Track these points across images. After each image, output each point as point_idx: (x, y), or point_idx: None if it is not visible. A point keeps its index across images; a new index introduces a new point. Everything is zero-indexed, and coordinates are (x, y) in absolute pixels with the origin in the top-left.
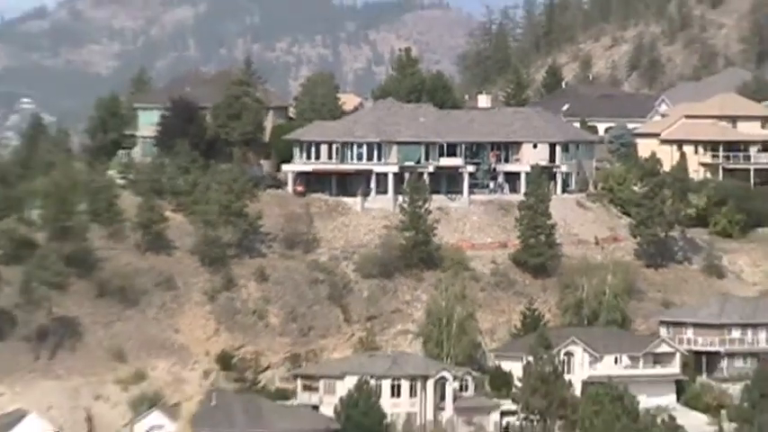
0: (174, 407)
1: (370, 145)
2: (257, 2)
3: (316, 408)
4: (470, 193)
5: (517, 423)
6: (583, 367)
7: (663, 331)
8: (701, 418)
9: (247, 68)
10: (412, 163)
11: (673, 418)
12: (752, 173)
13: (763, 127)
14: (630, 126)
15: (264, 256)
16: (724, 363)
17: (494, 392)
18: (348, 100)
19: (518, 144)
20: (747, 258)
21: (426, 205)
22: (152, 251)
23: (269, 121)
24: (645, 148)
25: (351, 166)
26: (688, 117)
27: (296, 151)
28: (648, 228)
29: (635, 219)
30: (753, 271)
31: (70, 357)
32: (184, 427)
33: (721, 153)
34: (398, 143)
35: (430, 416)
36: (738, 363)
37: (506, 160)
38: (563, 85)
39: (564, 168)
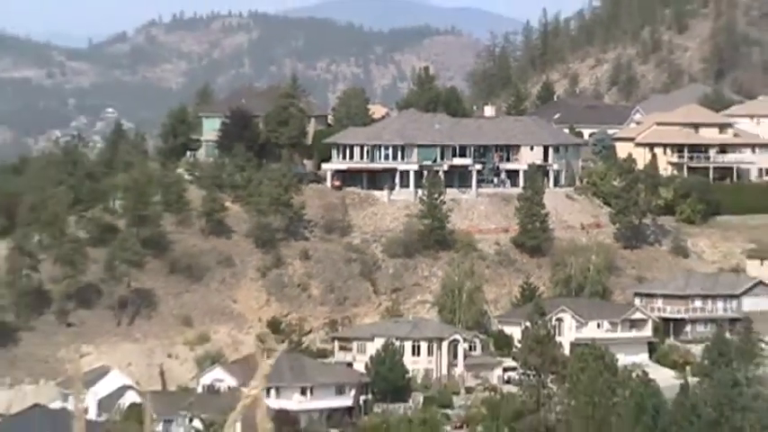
0: (233, 363)
1: (395, 147)
2: (302, 29)
3: (350, 365)
4: (478, 187)
5: (516, 377)
6: (571, 331)
7: (637, 301)
8: (668, 374)
9: (293, 84)
10: (429, 162)
11: (645, 374)
12: (711, 170)
13: (720, 132)
14: (610, 132)
15: (307, 240)
16: (688, 327)
17: (497, 352)
18: (376, 110)
19: (517, 147)
20: (707, 241)
21: (441, 197)
22: (214, 235)
23: (311, 128)
24: (622, 150)
25: (379, 164)
26: (658, 124)
27: (333, 152)
28: (625, 216)
29: (614, 208)
30: (712, 251)
31: (146, 323)
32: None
33: (686, 154)
34: (418, 146)
35: (444, 371)
36: (700, 327)
37: (508, 160)
38: (554, 98)
39: (555, 167)
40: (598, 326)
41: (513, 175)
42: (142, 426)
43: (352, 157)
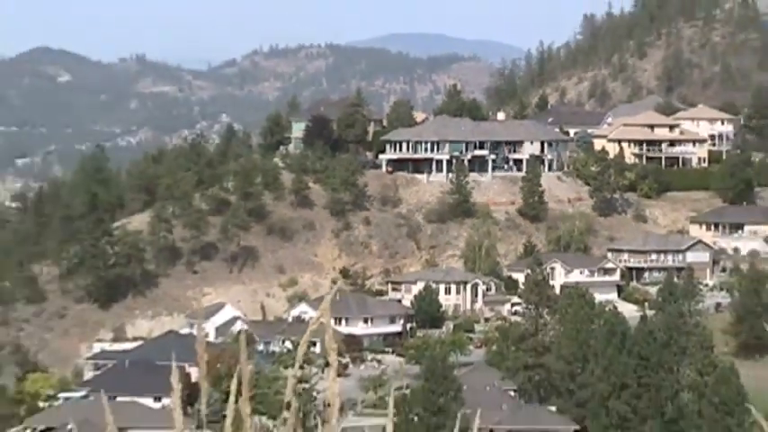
0: (314, 300)
1: (432, 143)
2: (364, 57)
3: (399, 301)
4: (492, 171)
5: (521, 310)
6: (560, 276)
7: (609, 255)
8: (632, 308)
9: (358, 97)
10: (457, 153)
11: (615, 308)
12: (663, 159)
13: (670, 131)
14: (589, 131)
15: (368, 210)
16: (646, 274)
17: (507, 292)
18: (418, 116)
19: (521, 142)
20: (660, 211)
21: (465, 179)
22: (300, 207)
23: (371, 128)
24: (598, 144)
25: (420, 155)
26: (624, 125)
27: (387, 146)
28: (600, 192)
29: (592, 187)
30: (664, 218)
31: (251, 271)
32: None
33: (644, 147)
34: (449, 141)
35: (468, 306)
36: (655, 274)
37: (514, 152)
38: (548, 106)
39: (549, 157)
40: (580, 273)
41: (518, 162)
42: (248, 346)
43: (400, 149)
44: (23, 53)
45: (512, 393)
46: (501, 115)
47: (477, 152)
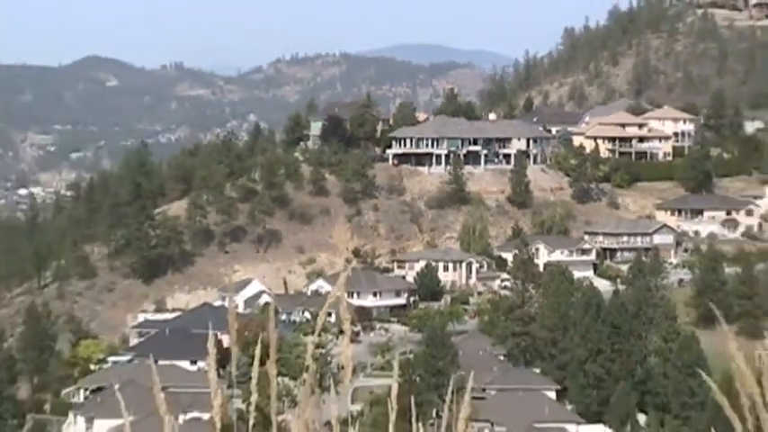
0: (330, 276)
1: (432, 139)
2: (373, 64)
3: (403, 277)
4: (485, 164)
5: (509, 285)
6: (544, 256)
7: (586, 237)
8: (606, 283)
9: (368, 99)
10: (454, 149)
11: (591, 283)
12: (633, 154)
13: (639, 129)
14: (569, 129)
15: (377, 198)
16: (618, 254)
17: (497, 269)
18: (420, 116)
19: (510, 139)
20: (631, 199)
21: (461, 171)
22: (318, 195)
23: (379, 127)
24: (577, 141)
25: (422, 150)
26: (600, 124)
27: (393, 143)
28: (578, 182)
29: (571, 178)
30: (633, 205)
31: (275, 251)
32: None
33: (617, 144)
34: (447, 138)
35: (464, 282)
36: (626, 254)
37: (504, 147)
38: (533, 108)
39: (534, 151)
40: (561, 253)
41: (507, 157)
42: (274, 317)
43: (404, 145)
44: (77, 61)
45: (501, 357)
46: (492, 115)
47: (472, 148)
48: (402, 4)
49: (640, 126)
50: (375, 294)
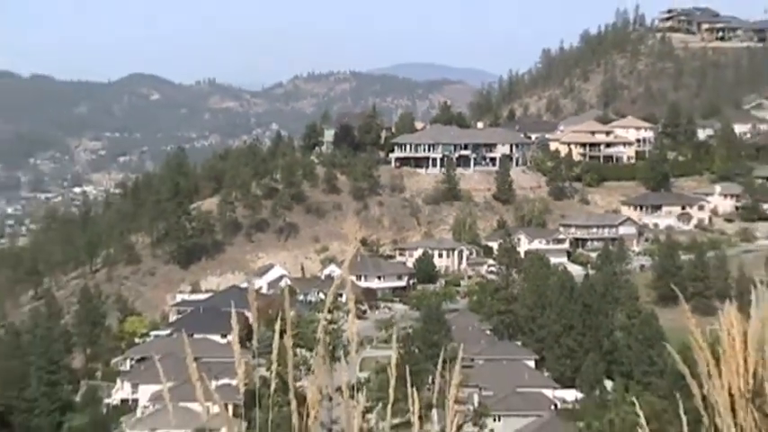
0: (341, 262)
1: (429, 145)
2: (378, 81)
3: (404, 263)
4: (474, 166)
5: (495, 270)
6: (524, 245)
7: (561, 228)
8: (578, 268)
9: (373, 110)
10: (447, 153)
11: (565, 268)
12: (601, 157)
13: (606, 136)
14: (546, 136)
15: (381, 195)
16: (589, 243)
17: (485, 256)
18: (418, 125)
19: (495, 144)
20: (599, 196)
21: (454, 172)
22: (330, 192)
23: (383, 134)
24: (553, 146)
25: (420, 154)
26: (572, 132)
27: (395, 148)
28: (554, 182)
29: (548, 177)
30: (601, 201)
31: (293, 240)
32: (345, 269)
33: (587, 148)
34: (442, 144)
35: (456, 267)
36: (595, 243)
37: (490, 151)
38: (515, 118)
39: (516, 155)
40: (539, 242)
41: (492, 160)
42: (291, 297)
43: (405, 150)
44: (124, 77)
45: (488, 332)
46: (480, 124)
47: (463, 152)
48: (402, 29)
49: (607, 133)
50: (379, 278)
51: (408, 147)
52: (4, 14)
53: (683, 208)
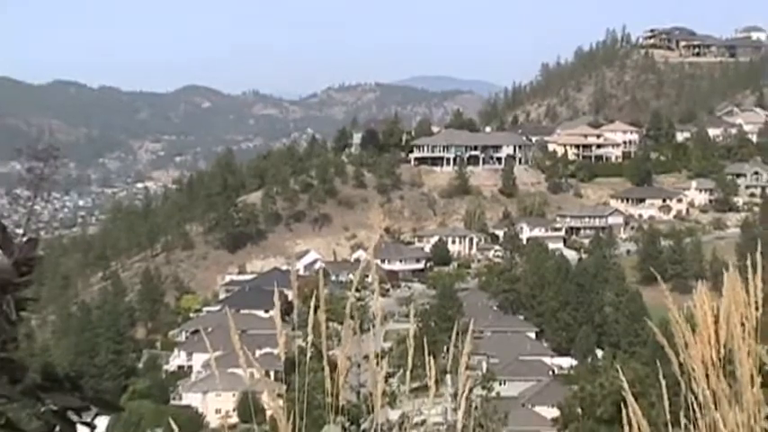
0: (367, 247)
1: (443, 146)
2: (400, 91)
3: (422, 248)
4: (483, 165)
5: (501, 254)
6: (526, 233)
7: (558, 218)
8: (573, 253)
9: (396, 117)
10: (459, 153)
11: (562, 253)
12: (593, 157)
13: (597, 139)
14: (545, 138)
15: (402, 190)
16: (582, 231)
17: (492, 243)
18: (434, 129)
19: (501, 146)
20: (591, 190)
21: (465, 170)
22: (358, 187)
23: (404, 137)
24: (551, 147)
25: (435, 154)
26: (568, 135)
27: (414, 149)
28: (552, 178)
29: (547, 174)
30: (593, 195)
31: (327, 229)
32: (370, 253)
33: (581, 149)
34: (455, 146)
35: (467, 251)
36: (588, 231)
37: (496, 152)
38: (519, 123)
39: (519, 155)
40: (539, 230)
41: (499, 159)
42: (325, 278)
43: (423, 151)
44: (180, 88)
45: (495, 308)
46: (488, 129)
47: (473, 153)
48: (419, 45)
49: (598, 136)
50: (400, 261)
51: (425, 148)
52: (75, 32)
53: (664, 201)
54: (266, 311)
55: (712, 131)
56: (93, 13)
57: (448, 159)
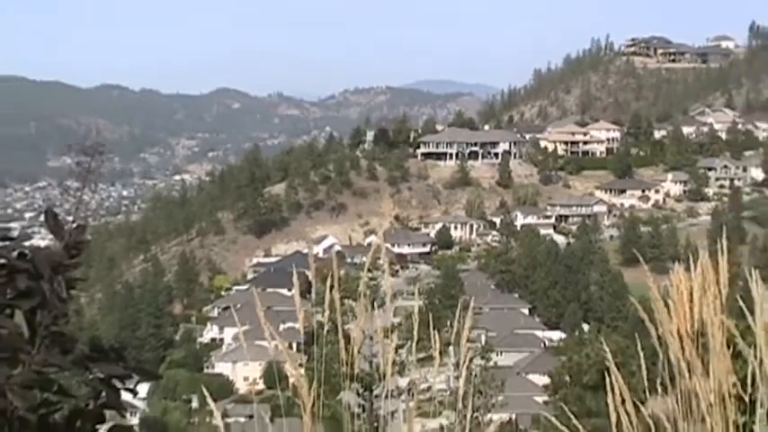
0: (378, 234)
1: (447, 143)
2: (407, 94)
3: (428, 234)
4: (482, 159)
5: (498, 239)
6: (520, 220)
7: (548, 207)
8: (562, 238)
9: (404, 117)
10: (461, 149)
11: (552, 238)
12: (580, 152)
13: (584, 136)
14: (537, 136)
15: (410, 182)
16: (570, 218)
17: (490, 229)
18: (439, 127)
19: (498, 142)
20: (579, 182)
21: (466, 164)
22: (371, 179)
23: (412, 135)
24: (542, 143)
25: (440, 150)
26: (558, 132)
27: (421, 145)
28: (543, 171)
29: (539, 168)
30: (580, 186)
31: (343, 216)
32: (381, 238)
33: (569, 145)
34: (457, 142)
35: (467, 236)
36: (575, 218)
37: (494, 148)
38: (514, 122)
39: (514, 151)
40: (532, 218)
41: (496, 155)
42: (341, 260)
43: (429, 147)
44: (213, 91)
45: (492, 287)
46: (486, 127)
47: (473, 149)
48: (425, 51)
49: (584, 134)
50: (408, 245)
51: (431, 144)
52: (117, 39)
53: (643, 191)
54: (289, 290)
55: (686, 130)
56: (136, 21)
57: (451, 154)
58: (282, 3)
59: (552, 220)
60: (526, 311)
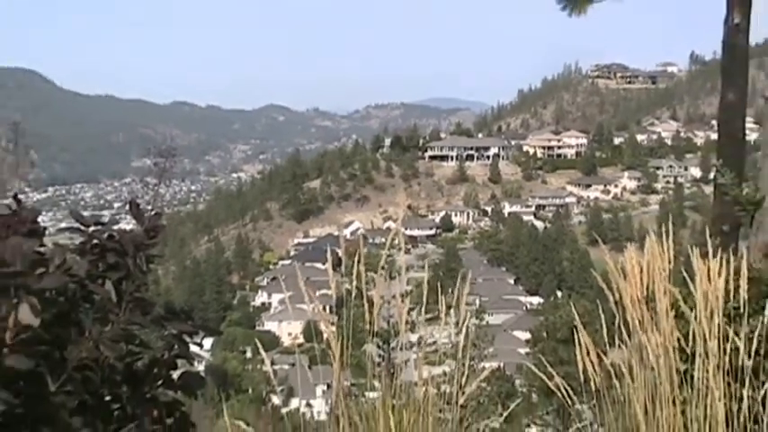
0: (395, 220)
1: (449, 147)
2: (417, 109)
3: (434, 220)
4: (476, 161)
5: (489, 224)
6: (507, 209)
7: (530, 199)
8: (540, 224)
9: (415, 127)
10: (460, 153)
11: (533, 223)
12: (555, 155)
13: (558, 142)
14: (521, 142)
15: (419, 179)
16: (547, 207)
17: (483, 216)
18: (443, 135)
19: (489, 147)
20: (554, 179)
21: (464, 165)
22: (389, 177)
23: (421, 141)
24: (525, 148)
25: (443, 153)
26: (537, 139)
27: (428, 149)
28: (526, 170)
29: (522, 167)
30: (555, 182)
31: (367, 206)
32: (398, 224)
33: (546, 149)
34: (457, 147)
35: (465, 222)
36: (551, 208)
37: (486, 152)
38: (502, 131)
39: (502, 154)
40: (516, 207)
41: (488, 157)
42: (364, 241)
43: (434, 151)
44: (262, 107)
45: (485, 262)
46: (480, 135)
47: (469, 152)
48: (434, 74)
49: (558, 140)
50: (418, 228)
51: (436, 149)
52: (187, 64)
53: (605, 186)
54: (323, 264)
55: (639, 137)
56: (201, 50)
57: (452, 157)
58: (318, 35)
59: (533, 209)
60: (512, 281)
